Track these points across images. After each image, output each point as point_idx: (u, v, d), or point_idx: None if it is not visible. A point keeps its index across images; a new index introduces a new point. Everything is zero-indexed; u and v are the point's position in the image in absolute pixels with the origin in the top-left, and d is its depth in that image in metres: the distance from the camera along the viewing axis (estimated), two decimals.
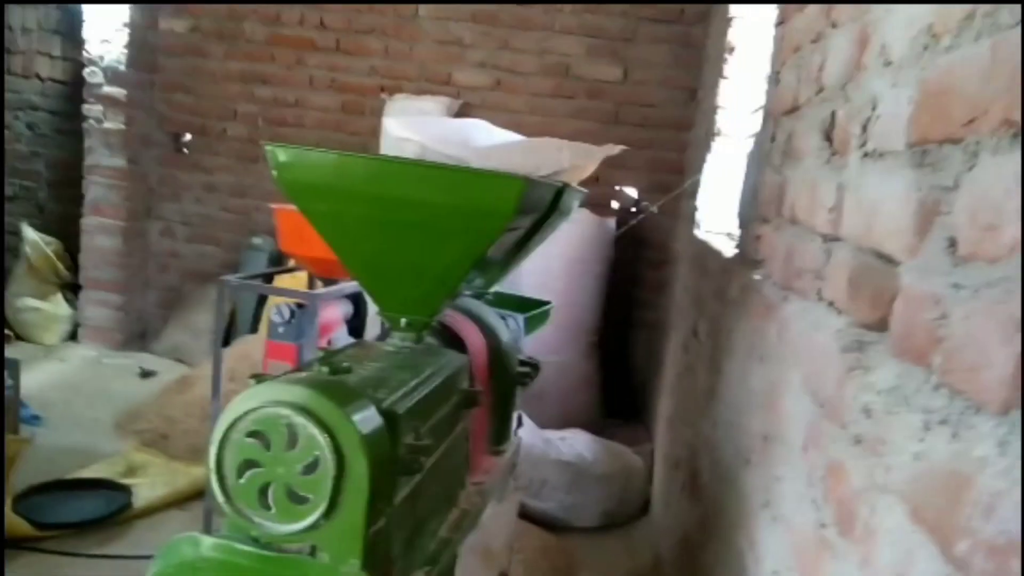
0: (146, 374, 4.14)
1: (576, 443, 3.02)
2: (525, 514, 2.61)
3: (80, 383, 3.99)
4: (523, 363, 1.72)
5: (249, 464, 0.98)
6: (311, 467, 0.97)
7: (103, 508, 2.63)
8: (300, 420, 0.96)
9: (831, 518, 0.87)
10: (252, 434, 0.97)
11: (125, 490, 2.73)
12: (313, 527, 0.96)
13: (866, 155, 0.90)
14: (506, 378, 1.63)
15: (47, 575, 2.30)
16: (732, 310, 1.74)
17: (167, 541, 1.06)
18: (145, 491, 2.75)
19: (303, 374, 1.06)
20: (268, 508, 0.98)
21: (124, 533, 2.59)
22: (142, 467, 2.96)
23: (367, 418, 1.00)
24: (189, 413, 3.18)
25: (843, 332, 0.90)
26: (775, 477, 1.15)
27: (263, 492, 0.98)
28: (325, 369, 1.09)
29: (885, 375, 0.75)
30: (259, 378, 1.07)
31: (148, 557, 2.57)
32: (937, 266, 0.67)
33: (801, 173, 1.23)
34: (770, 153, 1.53)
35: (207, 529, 2.58)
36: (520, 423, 1.83)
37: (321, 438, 0.95)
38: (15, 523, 2.38)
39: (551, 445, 2.98)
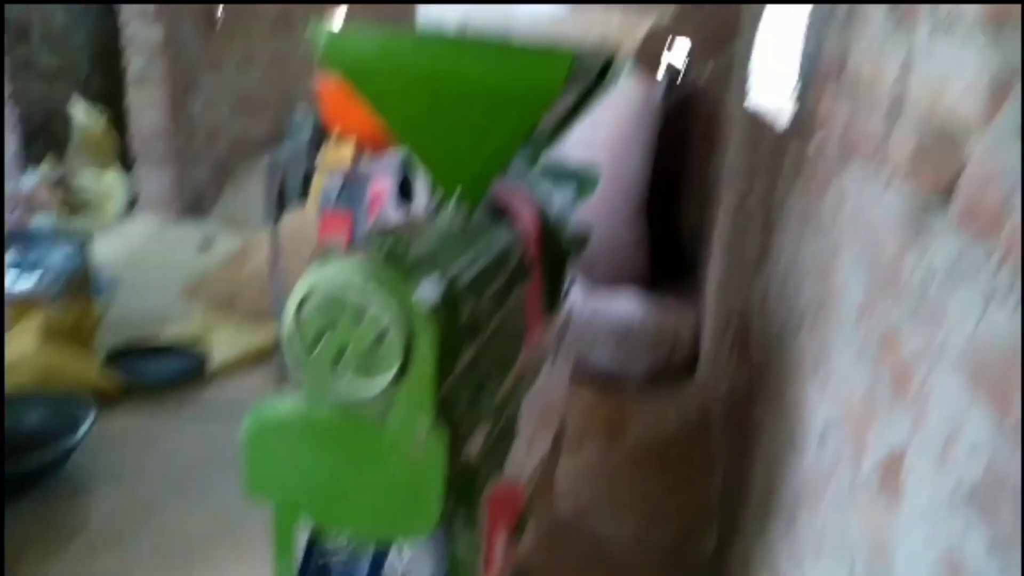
0: (205, 244, 4.29)
1: (627, 302, 3.09)
2: (577, 372, 2.73)
3: (144, 254, 4.16)
4: (572, 234, 1.74)
5: (321, 335, 1.05)
6: (380, 337, 1.03)
7: (182, 368, 2.83)
8: (367, 295, 1.01)
9: (885, 381, 0.90)
10: (322, 309, 1.03)
11: (197, 352, 2.92)
12: (385, 392, 1.04)
13: (937, 24, 0.86)
14: (556, 249, 1.65)
15: (137, 424, 2.51)
16: (785, 181, 1.71)
17: (255, 405, 1.16)
18: (220, 351, 2.93)
19: (365, 250, 1.10)
20: (341, 375, 1.05)
21: (204, 390, 2.79)
22: (214, 329, 3.14)
23: (431, 290, 1.05)
24: (251, 281, 3.31)
25: (904, 204, 0.90)
26: (827, 343, 1.18)
27: (336, 360, 1.05)
28: (385, 245, 1.13)
29: (946, 248, 0.76)
30: (324, 255, 1.12)
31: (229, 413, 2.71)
32: (1009, 140, 0.66)
33: (866, 40, 1.17)
34: (832, 17, 1.45)
35: (279, 387, 2.76)
36: (572, 284, 1.88)
37: (388, 311, 1.00)
38: (107, 380, 2.59)
39: (601, 304, 3.05)
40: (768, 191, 1.90)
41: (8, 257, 2.73)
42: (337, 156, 2.75)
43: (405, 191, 1.87)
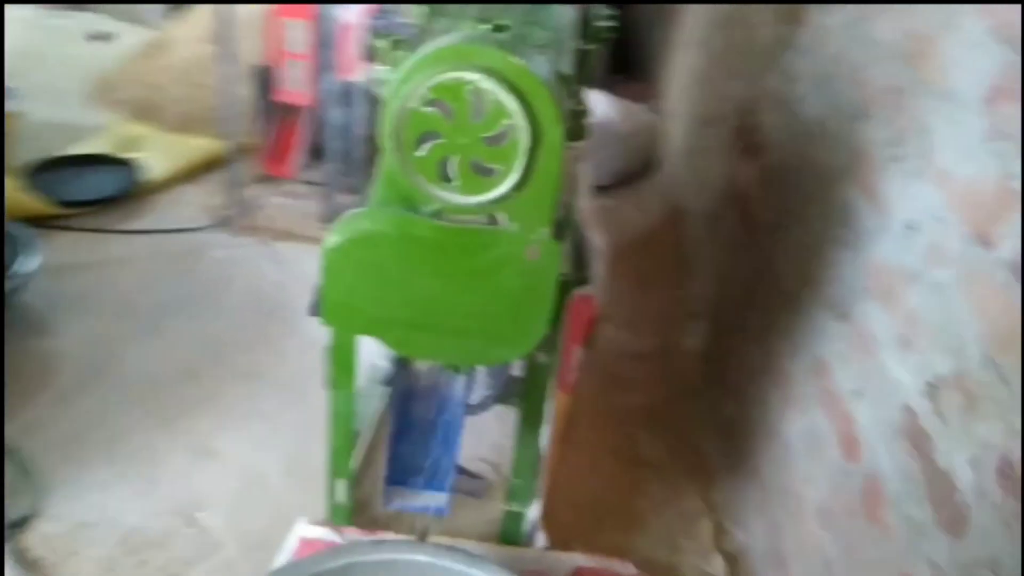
0: (98, 37, 3.73)
1: (597, 103, 2.97)
2: None
3: (28, 49, 3.58)
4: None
5: (421, 140, 0.92)
6: (498, 137, 0.91)
7: (116, 184, 2.54)
8: (490, 86, 0.87)
9: None
10: (431, 103, 0.89)
11: (128, 164, 2.62)
12: (503, 198, 0.93)
13: None
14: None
15: (80, 251, 2.28)
16: None
17: (343, 217, 1.03)
18: (154, 165, 2.64)
19: (475, 33, 0.94)
20: (449, 180, 0.94)
21: (144, 208, 2.54)
22: (138, 140, 2.81)
23: (554, 82, 0.92)
24: (175, 80, 2.94)
25: None
26: (919, 130, 1.15)
27: (442, 168, 0.93)
28: (485, 26, 0.97)
29: None
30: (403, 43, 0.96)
31: (180, 231, 2.54)
32: None
33: None
34: None
35: (229, 201, 2.55)
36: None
37: (514, 105, 0.88)
38: (36, 203, 2.30)
39: None
40: None
41: None
42: None
43: None
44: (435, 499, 1.01)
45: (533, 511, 1.36)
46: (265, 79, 2.50)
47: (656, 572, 1.45)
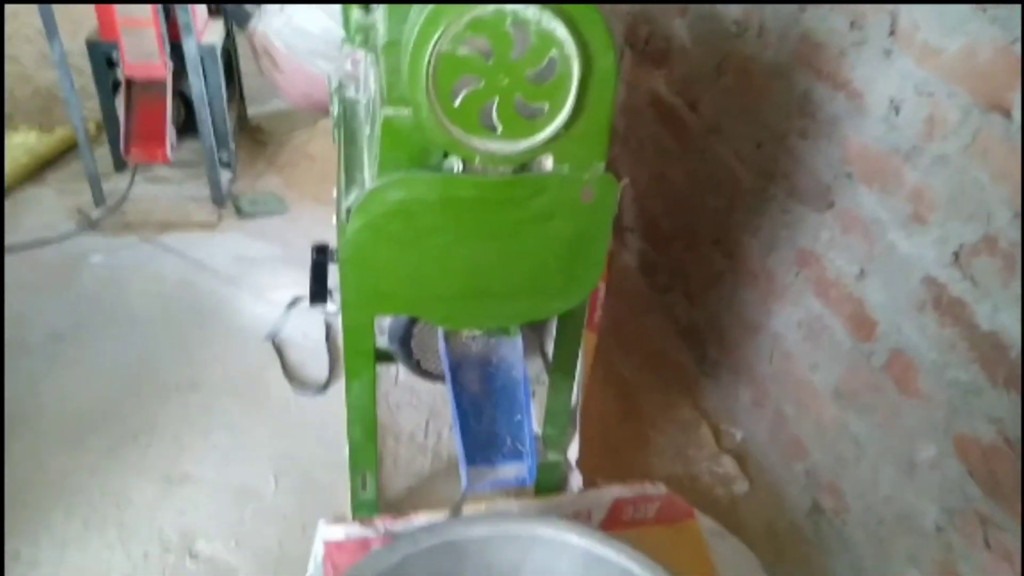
0: None
1: None
2: None
3: None
4: None
5: (461, 82, 0.82)
6: (543, 72, 0.82)
7: None
8: (535, 13, 0.78)
9: None
10: (459, 52, 0.79)
11: None
12: (553, 139, 0.86)
13: None
14: None
15: None
16: None
17: (361, 193, 0.91)
18: None
19: None
20: (492, 128, 0.85)
21: None
22: None
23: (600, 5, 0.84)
24: None
25: None
26: (881, 11, 1.17)
27: (480, 116, 0.84)
28: None
29: None
30: None
31: (46, 243, 2.22)
32: None
33: None
34: None
35: (96, 199, 2.25)
36: None
37: (563, 31, 0.79)
38: None
39: None
40: None
41: None
42: None
43: None
44: (517, 469, 0.95)
45: (572, 453, 1.33)
46: (105, 54, 2.19)
47: (681, 486, 1.47)
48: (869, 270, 1.24)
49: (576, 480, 1.37)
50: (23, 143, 2.41)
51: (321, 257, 1.12)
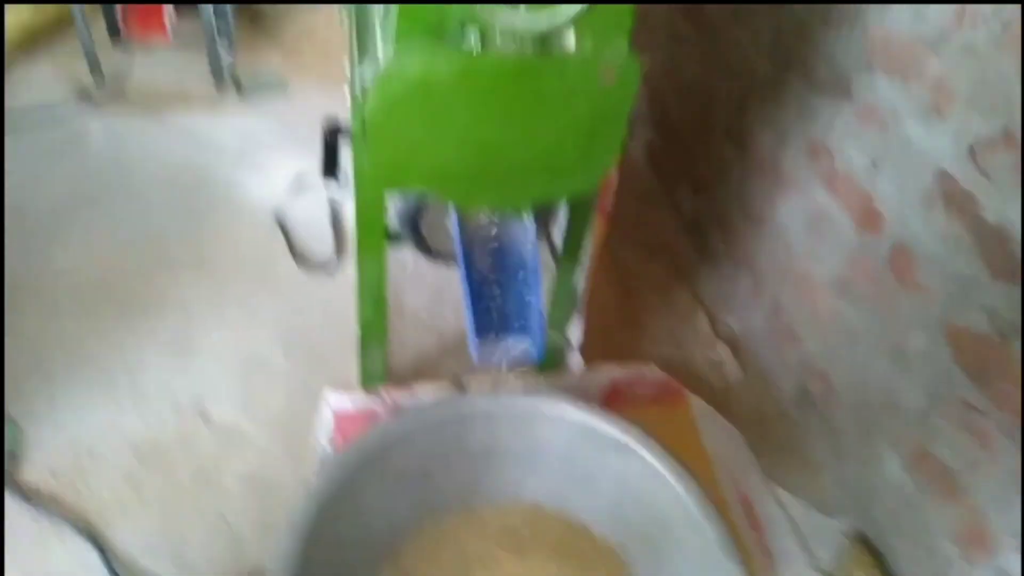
0: None
1: None
2: None
3: None
4: None
5: None
6: None
7: None
8: None
9: None
10: None
11: None
12: (576, 14, 0.84)
13: None
14: None
15: None
16: None
17: (378, 68, 0.89)
18: None
19: None
20: (514, 3, 0.83)
21: None
22: None
23: None
24: None
25: None
26: None
27: None
28: None
29: None
30: None
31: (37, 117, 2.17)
32: None
33: None
34: None
35: (94, 75, 2.19)
36: None
37: None
38: None
39: None
40: None
41: None
42: None
43: None
44: (525, 345, 0.98)
45: (574, 335, 1.37)
46: None
47: (674, 369, 1.52)
48: (881, 163, 1.24)
49: (576, 361, 1.41)
50: (16, 20, 2.32)
51: (333, 136, 1.11)
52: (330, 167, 1.09)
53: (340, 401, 1.34)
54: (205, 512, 1.28)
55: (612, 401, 1.43)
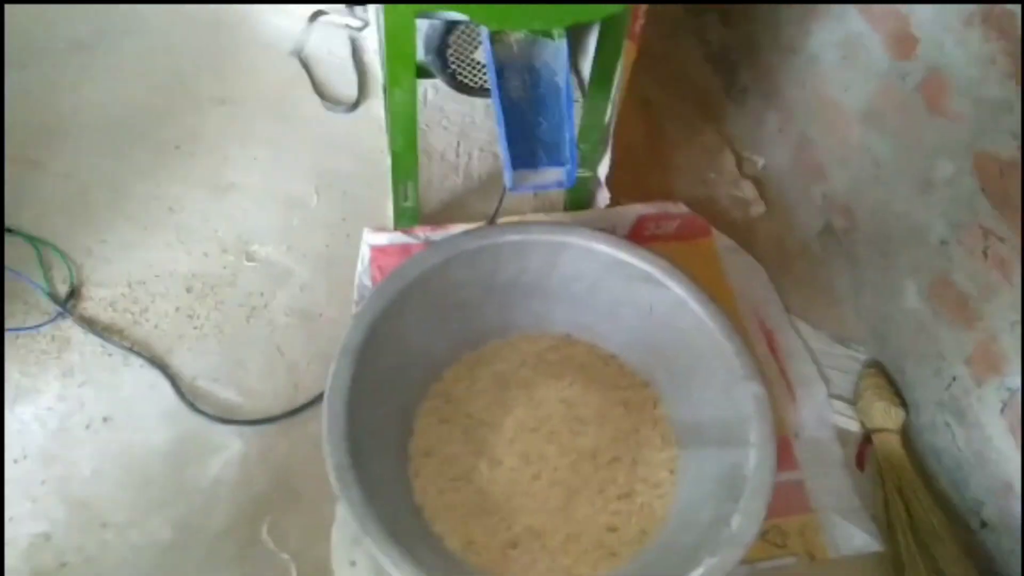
0: None
1: None
2: None
3: None
4: None
5: None
6: None
7: None
8: None
9: None
10: None
11: None
12: None
13: None
14: None
15: None
16: None
17: None
18: None
19: None
20: None
21: None
22: None
23: None
24: None
25: None
26: None
27: None
28: None
29: None
30: None
31: None
32: None
33: None
34: None
35: None
36: None
37: None
38: None
39: None
40: None
41: None
42: None
43: None
44: (557, 173, 1.01)
45: (603, 171, 1.39)
46: None
47: (700, 207, 1.55)
48: None
49: (604, 197, 1.44)
50: None
51: None
52: None
53: (377, 239, 1.40)
54: (258, 342, 1.36)
55: (638, 236, 1.47)
